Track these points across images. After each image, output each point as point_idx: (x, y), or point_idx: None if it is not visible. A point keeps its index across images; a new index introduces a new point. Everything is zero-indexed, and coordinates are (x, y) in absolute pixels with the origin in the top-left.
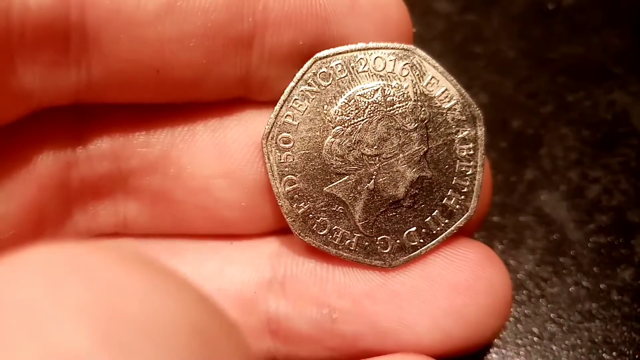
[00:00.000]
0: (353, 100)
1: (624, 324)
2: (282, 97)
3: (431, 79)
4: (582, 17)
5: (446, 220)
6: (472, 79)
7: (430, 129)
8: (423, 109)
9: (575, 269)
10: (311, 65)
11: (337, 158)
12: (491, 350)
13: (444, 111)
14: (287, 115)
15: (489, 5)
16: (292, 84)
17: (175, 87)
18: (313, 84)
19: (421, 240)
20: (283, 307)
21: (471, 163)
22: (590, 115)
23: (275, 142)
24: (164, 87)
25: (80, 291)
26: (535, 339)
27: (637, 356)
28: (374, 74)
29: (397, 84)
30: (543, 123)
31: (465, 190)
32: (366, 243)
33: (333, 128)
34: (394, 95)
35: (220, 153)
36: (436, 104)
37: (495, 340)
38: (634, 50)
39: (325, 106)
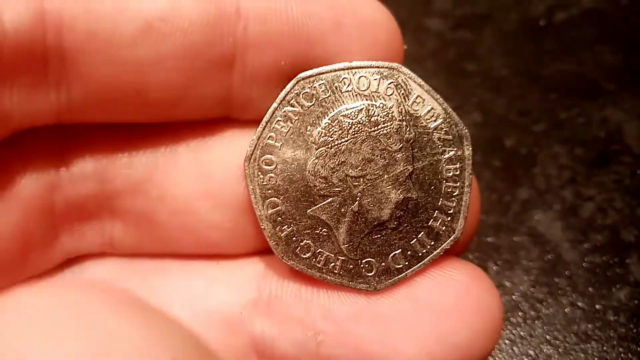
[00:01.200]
0: (337, 120)
1: (620, 345)
2: (265, 119)
3: (417, 97)
4: (574, 33)
5: (432, 242)
6: (466, 97)
7: (416, 149)
8: (408, 128)
9: (570, 289)
10: (294, 86)
11: (320, 180)
12: None
13: (430, 131)
14: (269, 137)
15: (481, 22)
16: (274, 105)
17: (156, 108)
18: (296, 104)
19: (406, 263)
20: (269, 328)
21: (458, 184)
22: (584, 132)
23: (258, 164)
24: (144, 107)
25: (77, 339)
26: None
27: None
28: (358, 93)
29: (382, 103)
30: (536, 141)
31: (451, 211)
32: (350, 266)
33: (316, 149)
34: (378, 115)
35: (202, 174)
36: (422, 123)
37: None
38: (626, 66)
39: (309, 127)
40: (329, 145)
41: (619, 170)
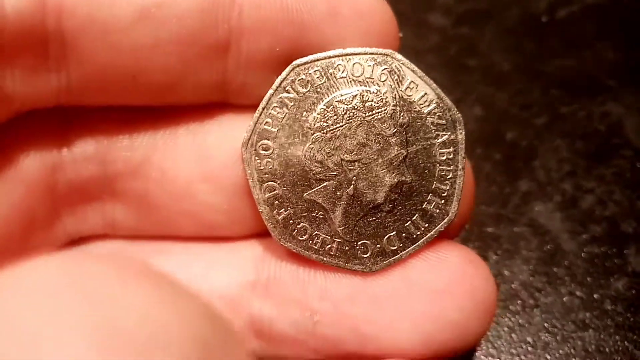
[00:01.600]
0: (332, 106)
1: (617, 333)
2: (261, 105)
3: (410, 83)
4: (575, 29)
5: (426, 225)
6: (467, 91)
7: (410, 134)
8: (402, 113)
9: (569, 279)
10: (289, 72)
11: (316, 164)
12: (485, 359)
13: (424, 115)
14: (266, 123)
15: (483, 18)
16: (270, 91)
17: (153, 91)
18: (291, 91)
19: (401, 245)
20: (267, 309)
21: (451, 167)
22: (584, 126)
23: (255, 149)
24: (141, 91)
25: (80, 306)
26: (529, 348)
27: None
28: (353, 79)
29: (376, 89)
30: (537, 135)
31: (445, 194)
32: (346, 248)
33: (312, 134)
34: (372, 100)
35: (200, 157)
36: (415, 108)
37: (489, 349)
38: (626, 62)
39: (304, 113)
40: (325, 131)
41: (619, 164)
